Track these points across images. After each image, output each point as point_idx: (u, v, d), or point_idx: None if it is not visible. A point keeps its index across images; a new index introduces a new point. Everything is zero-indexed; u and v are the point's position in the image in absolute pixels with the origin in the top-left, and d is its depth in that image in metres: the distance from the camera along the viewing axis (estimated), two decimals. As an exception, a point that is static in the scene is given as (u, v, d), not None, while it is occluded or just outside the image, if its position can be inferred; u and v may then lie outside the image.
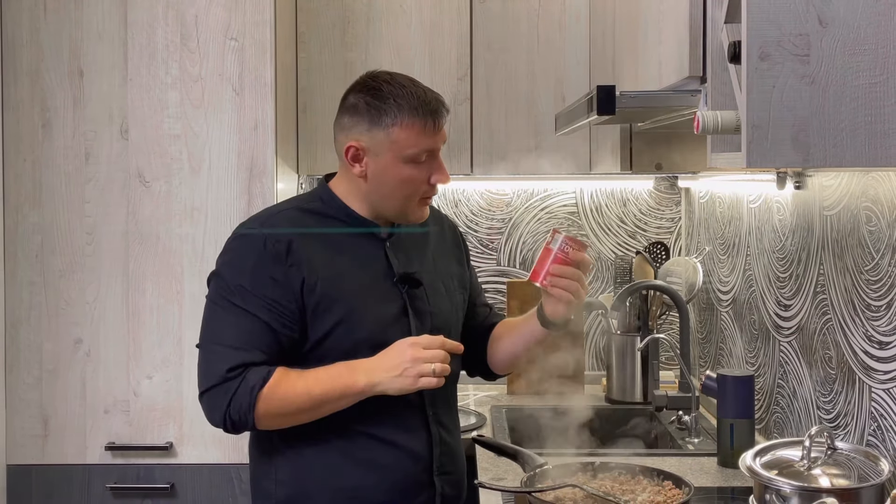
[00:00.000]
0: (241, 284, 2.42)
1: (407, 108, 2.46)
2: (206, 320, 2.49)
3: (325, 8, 3.79)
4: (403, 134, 2.45)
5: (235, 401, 2.36)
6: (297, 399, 2.39)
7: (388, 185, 2.50)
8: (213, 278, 2.50)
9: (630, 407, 3.84)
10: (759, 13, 1.65)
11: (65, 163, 3.32)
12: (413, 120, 2.46)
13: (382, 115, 2.46)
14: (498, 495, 2.67)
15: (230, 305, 2.42)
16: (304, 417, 2.44)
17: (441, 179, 2.53)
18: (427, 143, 2.48)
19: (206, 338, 2.46)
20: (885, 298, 2.32)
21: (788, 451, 2.29)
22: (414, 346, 2.39)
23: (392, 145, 2.46)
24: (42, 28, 3.31)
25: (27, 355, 3.34)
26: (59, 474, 3.35)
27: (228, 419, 2.38)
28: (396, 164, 2.48)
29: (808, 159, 1.67)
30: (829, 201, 2.65)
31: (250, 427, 2.41)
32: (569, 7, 3.81)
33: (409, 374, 2.37)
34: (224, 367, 2.38)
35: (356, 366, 2.42)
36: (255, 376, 2.37)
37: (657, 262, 4.07)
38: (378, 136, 2.46)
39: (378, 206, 2.55)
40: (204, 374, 2.42)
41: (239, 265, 2.44)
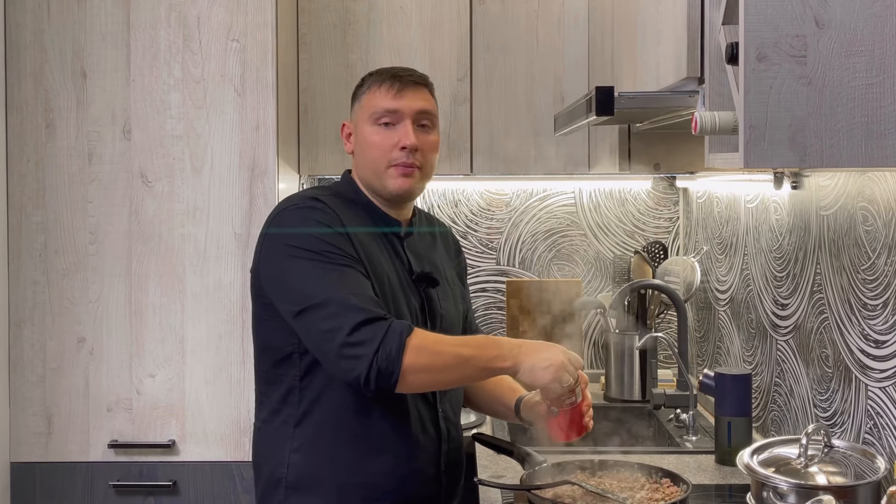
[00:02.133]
0: (327, 249, 2.42)
1: (375, 75, 2.66)
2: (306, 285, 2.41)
3: (326, 10, 3.80)
4: (368, 98, 2.63)
5: (385, 345, 2.29)
6: (446, 355, 2.37)
7: (363, 150, 2.62)
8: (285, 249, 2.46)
9: (628, 405, 3.84)
10: (757, 15, 1.65)
11: (68, 163, 3.34)
12: (377, 83, 2.63)
13: (359, 89, 2.67)
14: (497, 492, 2.67)
15: (328, 266, 2.41)
16: (445, 379, 2.44)
17: (405, 140, 2.58)
18: (386, 103, 2.59)
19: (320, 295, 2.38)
20: (882, 297, 2.33)
21: (785, 449, 2.31)
22: (566, 353, 2.41)
23: (362, 112, 2.63)
24: (46, 30, 3.33)
25: (31, 354, 3.35)
26: (62, 472, 3.36)
27: (375, 366, 2.28)
28: (364, 128, 2.61)
29: (805, 160, 1.67)
30: (825, 201, 2.66)
31: (394, 382, 2.31)
32: (568, 8, 3.82)
33: (550, 369, 2.37)
34: (363, 305, 2.34)
35: (502, 342, 2.44)
36: (400, 324, 2.33)
37: (655, 261, 4.09)
38: (356, 110, 2.66)
39: (365, 180, 2.65)
40: (342, 319, 2.33)
41: (313, 230, 2.45)
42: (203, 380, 3.35)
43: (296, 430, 2.52)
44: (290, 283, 2.44)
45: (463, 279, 2.91)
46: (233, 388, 3.34)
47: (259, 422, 2.63)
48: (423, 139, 2.61)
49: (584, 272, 4.31)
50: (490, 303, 4.27)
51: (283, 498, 2.53)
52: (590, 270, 4.31)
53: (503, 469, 2.92)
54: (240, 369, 3.33)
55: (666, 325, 4.16)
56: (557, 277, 4.28)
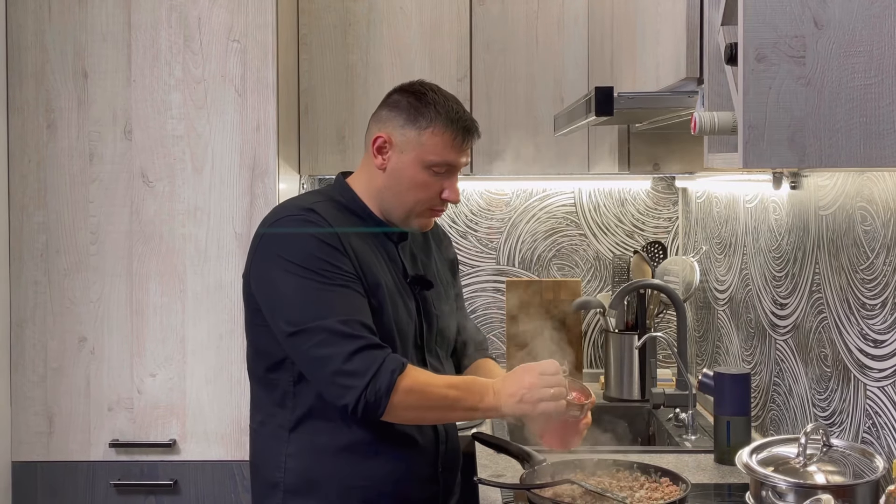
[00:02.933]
0: (321, 266, 2.40)
1: (444, 116, 2.51)
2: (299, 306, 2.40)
3: (327, 10, 3.81)
4: (433, 140, 2.50)
5: (375, 381, 2.31)
6: (434, 397, 2.39)
7: (401, 185, 2.54)
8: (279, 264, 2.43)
9: (628, 404, 3.85)
10: (756, 15, 1.65)
11: (69, 163, 3.35)
12: (446, 129, 2.51)
13: (420, 117, 2.51)
14: (497, 491, 2.67)
15: (322, 285, 2.39)
16: (431, 417, 2.47)
17: (451, 197, 2.57)
18: (451, 157, 2.53)
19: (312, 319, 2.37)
20: (880, 297, 2.33)
21: (784, 448, 2.30)
22: (530, 372, 2.41)
23: (419, 147, 2.51)
24: (47, 30, 3.34)
25: (32, 353, 3.36)
26: (63, 471, 3.37)
27: (363, 399, 2.31)
28: (416, 167, 2.52)
29: (804, 160, 1.67)
30: (824, 201, 2.66)
31: (380, 414, 2.34)
32: (567, 9, 3.82)
33: (527, 401, 2.39)
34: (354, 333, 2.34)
35: (486, 384, 2.44)
36: (393, 361, 2.34)
37: (655, 261, 4.09)
38: (409, 135, 2.51)
39: (386, 205, 2.58)
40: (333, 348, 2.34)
41: (308, 244, 2.42)
42: (204, 379, 3.36)
43: (291, 435, 2.52)
44: (283, 302, 2.43)
45: (454, 270, 2.89)
46: (233, 388, 3.35)
47: (255, 424, 2.62)
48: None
49: (583, 272, 4.31)
50: (490, 302, 4.27)
51: (280, 501, 2.53)
52: (589, 270, 4.32)
53: (503, 468, 2.92)
54: (240, 369, 3.34)
55: (665, 325, 4.17)
56: (557, 277, 4.29)
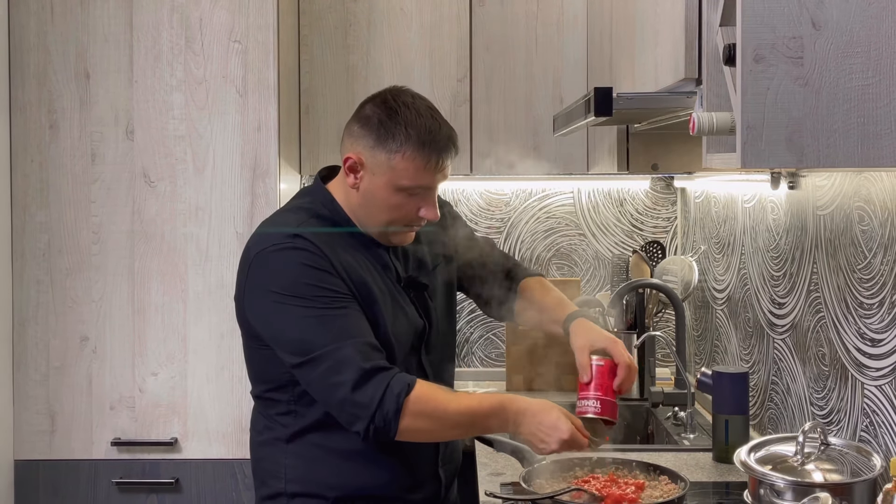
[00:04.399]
0: (316, 292, 2.35)
1: (415, 139, 2.40)
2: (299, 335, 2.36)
3: (327, 11, 3.82)
4: (403, 164, 2.41)
5: (382, 406, 2.28)
6: (445, 422, 2.37)
7: (375, 206, 2.46)
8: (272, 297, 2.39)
9: (627, 403, 3.86)
10: (754, 16, 1.65)
11: (71, 163, 3.36)
12: (417, 154, 2.40)
13: (389, 139, 2.41)
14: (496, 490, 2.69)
15: (321, 312, 2.35)
16: (442, 438, 2.46)
17: (429, 216, 2.49)
18: (424, 180, 2.44)
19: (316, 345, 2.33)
20: (878, 296, 2.34)
21: (782, 447, 2.32)
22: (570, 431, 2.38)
23: (390, 171, 2.42)
24: (49, 31, 3.35)
25: (34, 352, 3.37)
26: (65, 469, 3.38)
27: (372, 426, 2.29)
28: (388, 190, 2.44)
29: (802, 160, 1.67)
30: (822, 201, 2.67)
31: (390, 437, 2.32)
32: (566, 10, 3.84)
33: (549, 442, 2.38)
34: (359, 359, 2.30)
35: (507, 407, 2.40)
36: (399, 384, 2.30)
37: (653, 260, 4.10)
38: (379, 157, 2.42)
39: (363, 221, 2.51)
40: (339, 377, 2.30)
41: (301, 275, 2.37)
42: (205, 378, 3.37)
43: (290, 445, 2.51)
44: (284, 334, 2.39)
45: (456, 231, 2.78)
46: (234, 387, 3.36)
47: (255, 434, 2.61)
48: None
49: (582, 271, 4.32)
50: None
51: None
52: (588, 270, 4.33)
53: (502, 466, 2.94)
54: (241, 368, 3.31)
55: (664, 324, 4.18)
56: (556, 277, 4.30)
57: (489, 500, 2.59)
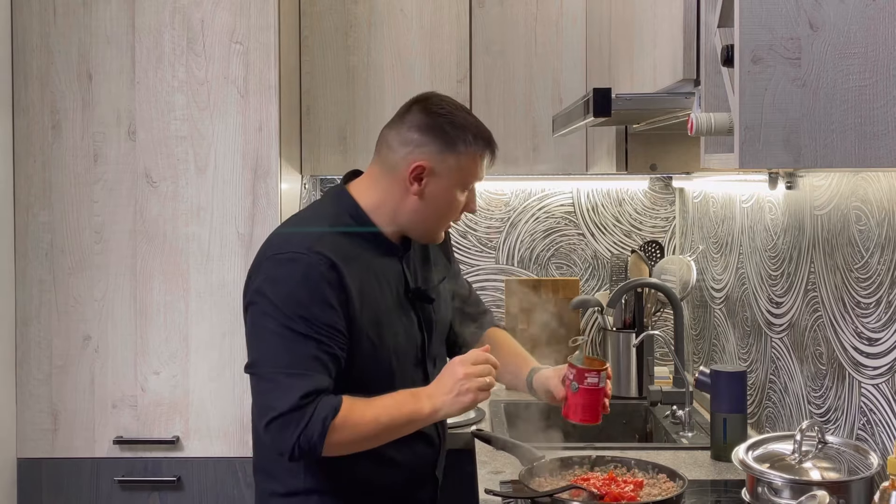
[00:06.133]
0: (301, 313, 2.39)
1: (481, 140, 2.56)
2: (261, 347, 2.44)
3: (328, 12, 3.83)
4: (470, 162, 2.55)
5: (307, 431, 2.34)
6: (366, 428, 2.41)
7: (438, 207, 2.56)
8: (262, 302, 2.44)
9: (625, 402, 3.87)
10: (752, 17, 1.66)
11: (74, 163, 3.37)
12: (482, 152, 2.57)
13: (458, 141, 2.52)
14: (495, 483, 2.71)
15: (290, 332, 2.39)
16: (369, 444, 2.48)
17: (471, 208, 2.64)
18: (482, 175, 2.60)
19: (266, 364, 2.41)
20: (875, 296, 2.35)
21: (780, 445, 2.32)
22: (463, 364, 2.44)
23: (458, 172, 2.54)
24: (52, 32, 3.36)
25: (37, 352, 3.38)
26: (68, 468, 3.38)
27: (297, 448, 2.36)
28: (454, 191, 2.56)
29: (800, 160, 1.68)
30: (819, 201, 2.68)
31: (317, 456, 2.39)
32: (566, 11, 3.85)
33: (465, 392, 2.42)
34: (297, 394, 2.35)
35: (419, 393, 2.48)
36: (326, 407, 2.36)
37: (652, 260, 4.11)
38: (449, 161, 2.53)
39: (410, 224, 2.59)
40: (273, 401, 2.37)
41: (296, 292, 2.41)
42: (207, 377, 3.38)
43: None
44: (255, 339, 2.48)
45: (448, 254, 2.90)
46: (236, 385, 3.37)
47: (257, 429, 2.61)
48: None
49: (581, 271, 4.34)
50: (489, 301, 4.29)
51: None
52: (587, 269, 4.34)
53: (502, 465, 2.94)
54: (242, 367, 3.35)
55: (662, 323, 4.18)
56: (556, 276, 4.31)
57: (489, 497, 2.60)
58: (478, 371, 2.44)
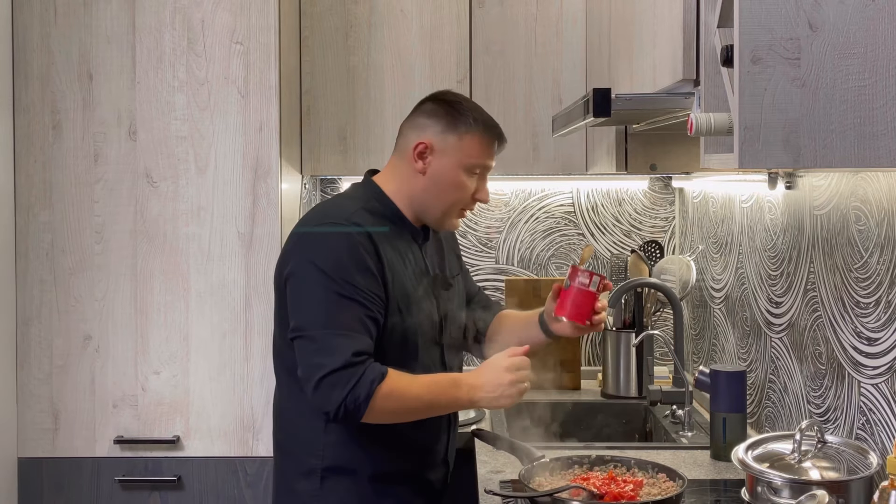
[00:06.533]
0: (346, 278, 2.54)
1: (482, 123, 2.71)
2: (310, 311, 2.57)
3: (329, 13, 3.84)
4: (473, 143, 2.70)
5: (355, 391, 2.46)
6: (409, 401, 2.55)
7: (441, 187, 2.70)
8: (308, 269, 2.58)
9: (625, 401, 3.88)
10: (751, 18, 1.66)
11: (74, 164, 3.37)
12: (484, 135, 2.71)
13: (459, 123, 2.69)
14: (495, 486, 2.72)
15: (337, 296, 2.53)
16: (406, 418, 2.60)
17: (482, 197, 2.78)
18: (486, 160, 2.74)
19: (316, 326, 2.54)
20: (874, 296, 2.35)
21: (779, 445, 2.33)
22: (510, 371, 2.57)
23: (459, 151, 2.69)
24: (52, 33, 3.36)
25: (38, 351, 3.38)
26: (68, 467, 3.39)
27: (343, 408, 2.47)
28: (456, 169, 2.70)
29: (799, 160, 1.68)
30: (819, 201, 2.68)
31: (357, 419, 2.50)
32: (565, 11, 3.86)
33: (507, 395, 2.57)
34: (348, 352, 2.48)
35: (460, 381, 2.60)
36: (374, 371, 2.49)
37: (651, 260, 4.12)
38: (450, 140, 2.69)
39: (423, 207, 2.74)
40: (324, 359, 2.49)
41: (341, 259, 2.56)
42: (207, 377, 3.38)
43: (329, 425, 2.66)
44: (301, 304, 2.59)
45: (458, 256, 3.06)
46: (236, 385, 3.38)
47: (287, 411, 2.77)
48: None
49: (581, 271, 4.34)
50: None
51: (318, 484, 2.68)
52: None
53: (502, 464, 2.95)
54: (243, 366, 3.37)
55: (662, 323, 4.19)
56: (555, 276, 4.31)
57: (489, 497, 2.61)
58: (521, 377, 2.58)
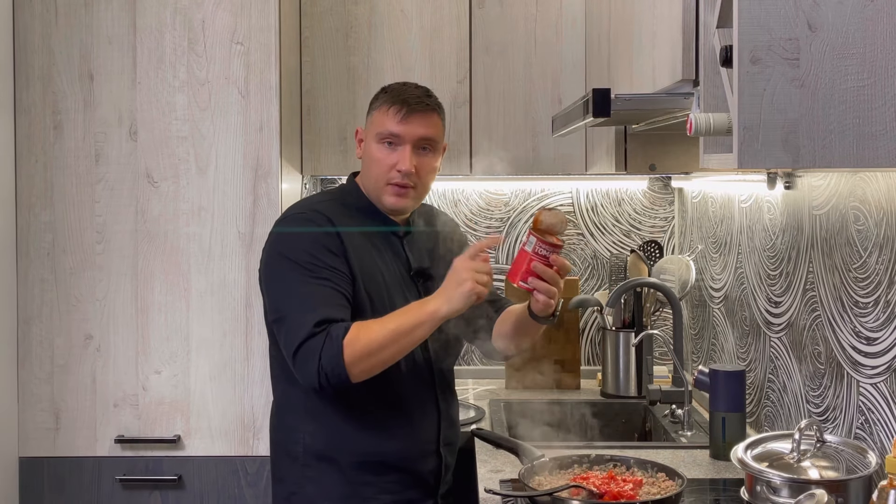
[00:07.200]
0: (307, 259, 2.63)
1: (389, 95, 2.80)
2: (277, 295, 2.66)
3: (329, 13, 3.85)
4: (379, 116, 2.79)
5: (325, 352, 2.51)
6: (378, 336, 2.54)
7: (366, 164, 2.84)
8: (273, 258, 2.70)
9: (625, 401, 3.89)
10: (750, 18, 1.67)
11: (75, 164, 3.37)
12: (388, 105, 2.78)
13: (375, 101, 2.84)
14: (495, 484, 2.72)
15: (300, 276, 2.62)
16: (389, 353, 2.57)
17: (401, 166, 2.76)
18: (392, 128, 2.76)
19: (287, 308, 2.63)
20: (873, 296, 2.35)
21: (778, 444, 2.33)
22: (463, 259, 2.58)
23: (371, 127, 2.82)
24: (53, 33, 3.36)
25: (39, 351, 3.38)
26: (70, 467, 3.39)
27: (322, 371, 2.52)
28: (370, 144, 2.81)
29: (798, 160, 1.68)
30: (818, 201, 2.69)
31: (345, 378, 2.53)
32: (565, 12, 3.86)
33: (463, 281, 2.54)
34: (311, 322, 2.54)
35: (426, 299, 2.62)
36: (337, 329, 2.54)
37: (651, 260, 4.12)
38: (368, 122, 2.85)
39: (366, 191, 2.83)
40: (293, 336, 2.57)
41: (301, 243, 2.66)
42: (208, 376, 3.39)
43: (308, 414, 2.72)
44: (272, 291, 2.69)
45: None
46: (237, 385, 3.38)
47: (276, 401, 2.86)
48: (421, 162, 2.79)
49: (581, 271, 4.35)
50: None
51: (300, 472, 2.73)
52: (587, 269, 4.35)
53: (501, 464, 2.95)
54: (244, 366, 3.38)
55: (661, 323, 4.19)
56: (555, 276, 4.31)
57: (488, 496, 2.61)
58: (477, 266, 2.57)
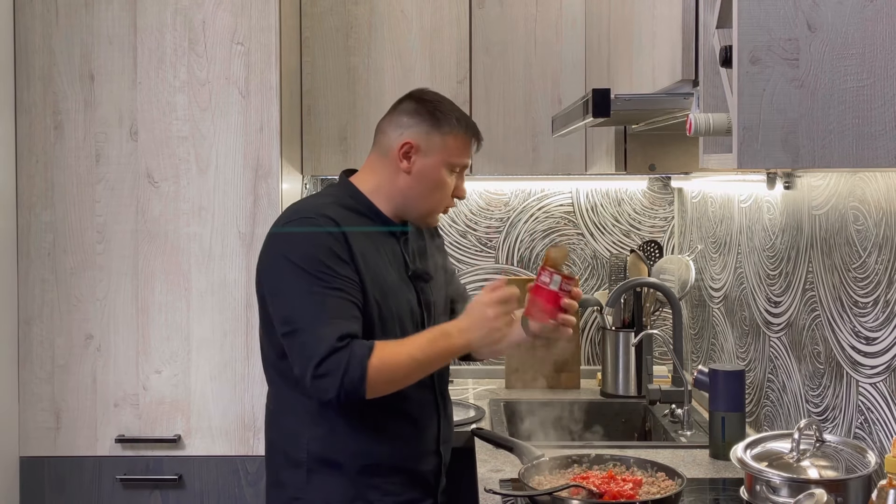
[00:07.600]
0: (322, 269, 2.58)
1: (464, 124, 2.78)
2: (291, 306, 2.60)
3: (329, 14, 3.85)
4: (456, 143, 2.76)
5: (349, 374, 2.48)
6: (403, 366, 2.56)
7: (425, 185, 2.74)
8: (284, 265, 2.62)
9: (624, 401, 3.89)
10: (750, 18, 1.67)
11: (76, 164, 3.38)
12: (466, 135, 2.78)
13: (443, 123, 2.75)
14: (495, 483, 2.73)
15: (316, 288, 2.57)
16: (409, 381, 2.61)
17: (461, 194, 2.82)
18: (466, 159, 2.80)
19: (301, 321, 2.57)
20: (872, 295, 2.36)
21: (778, 444, 2.33)
22: (491, 305, 2.58)
23: (443, 150, 2.74)
24: (54, 33, 3.36)
25: (39, 351, 3.39)
26: (70, 466, 3.39)
27: (342, 391, 2.49)
28: (439, 168, 2.75)
29: (798, 160, 1.68)
30: (817, 201, 2.69)
31: (360, 397, 2.52)
32: (565, 12, 3.87)
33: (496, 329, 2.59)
34: (331, 337, 2.50)
35: (448, 329, 2.62)
36: (361, 349, 2.51)
37: (651, 260, 4.13)
38: (434, 139, 2.74)
39: (406, 204, 2.78)
40: (311, 351, 2.52)
41: (314, 250, 2.60)
42: (208, 376, 3.39)
43: (312, 420, 2.68)
44: (282, 301, 2.63)
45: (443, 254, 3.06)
46: (237, 384, 3.39)
47: (275, 407, 2.80)
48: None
49: (581, 271, 4.35)
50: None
51: (304, 478, 2.70)
52: (587, 269, 4.36)
53: (501, 463, 2.96)
54: (244, 365, 3.38)
55: (661, 323, 4.20)
56: (555, 276, 4.32)
57: (488, 496, 2.62)
58: (506, 310, 2.59)
